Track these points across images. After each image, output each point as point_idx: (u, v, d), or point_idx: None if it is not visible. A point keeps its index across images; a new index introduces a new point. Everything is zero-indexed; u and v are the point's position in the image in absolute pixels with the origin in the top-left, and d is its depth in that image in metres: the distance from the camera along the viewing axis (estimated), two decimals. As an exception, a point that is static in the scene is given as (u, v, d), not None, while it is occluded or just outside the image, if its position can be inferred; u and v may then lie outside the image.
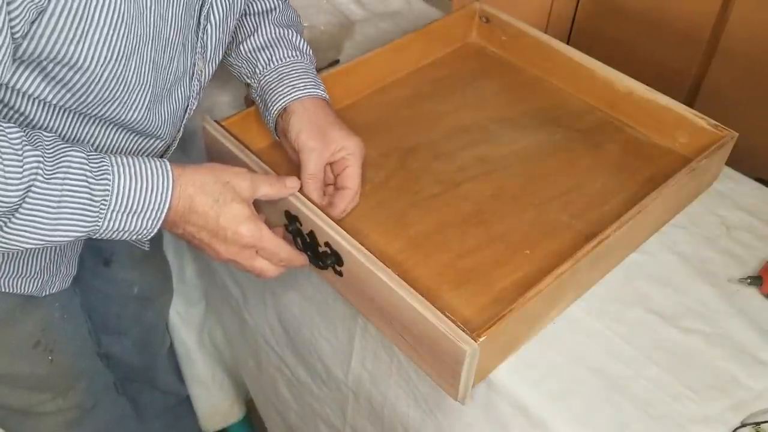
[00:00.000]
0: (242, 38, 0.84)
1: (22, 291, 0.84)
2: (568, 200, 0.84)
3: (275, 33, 0.84)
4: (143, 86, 0.69)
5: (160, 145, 0.81)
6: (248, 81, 0.85)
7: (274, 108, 0.80)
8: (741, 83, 1.17)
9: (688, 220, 0.86)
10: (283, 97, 0.80)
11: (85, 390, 1.01)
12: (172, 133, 0.81)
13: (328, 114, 0.80)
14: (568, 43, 0.99)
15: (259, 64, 0.83)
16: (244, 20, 0.85)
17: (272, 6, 0.86)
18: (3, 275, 0.81)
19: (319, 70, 0.90)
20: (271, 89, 0.81)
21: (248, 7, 0.85)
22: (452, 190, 0.85)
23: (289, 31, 0.85)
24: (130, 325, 1.17)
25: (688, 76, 1.23)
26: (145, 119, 0.74)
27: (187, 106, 0.80)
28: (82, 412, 1.02)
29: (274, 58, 0.82)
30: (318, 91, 0.81)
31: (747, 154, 0.91)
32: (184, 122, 0.82)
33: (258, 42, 0.83)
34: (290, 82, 0.81)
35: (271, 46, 0.83)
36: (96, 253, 1.04)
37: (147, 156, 0.77)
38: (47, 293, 0.88)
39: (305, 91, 0.80)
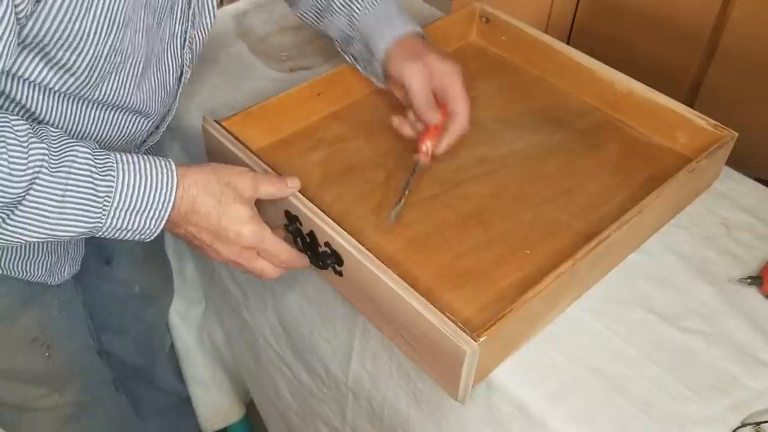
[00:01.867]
0: None
1: (31, 276, 0.84)
2: (568, 200, 0.84)
3: None
4: (136, 52, 0.70)
5: (149, 124, 0.81)
6: (348, 33, 0.89)
7: (379, 50, 0.85)
8: (741, 83, 1.18)
9: (688, 220, 0.86)
10: (385, 38, 0.84)
11: (82, 387, 1.01)
12: (161, 109, 0.82)
13: (425, 44, 0.85)
14: (568, 43, 1.00)
15: (354, 12, 0.87)
16: None
17: None
18: (11, 258, 0.81)
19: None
20: (371, 34, 0.86)
21: None
22: (452, 190, 0.85)
23: None
24: (130, 324, 1.17)
25: (688, 76, 1.24)
26: (138, 91, 0.74)
27: (181, 74, 0.81)
28: (78, 408, 1.02)
29: (368, 5, 0.87)
30: (414, 27, 0.86)
31: (747, 154, 0.91)
32: (178, 95, 0.83)
33: None
34: (389, 22, 0.86)
35: None
36: (98, 251, 1.05)
37: (136, 141, 0.76)
38: (57, 280, 0.87)
39: (404, 28, 0.85)
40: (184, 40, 0.78)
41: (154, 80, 0.77)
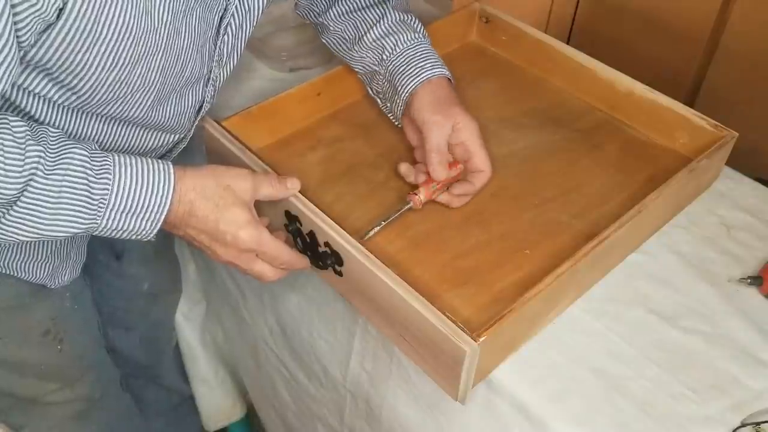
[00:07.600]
0: (366, 29, 0.88)
1: (34, 277, 0.84)
2: (568, 200, 0.84)
3: (397, 18, 0.88)
4: (147, 89, 0.70)
5: (170, 138, 0.81)
6: (375, 68, 0.88)
7: (405, 90, 0.84)
8: (741, 83, 1.17)
9: (688, 220, 0.86)
10: (413, 79, 0.84)
11: (93, 382, 1.01)
12: (181, 130, 0.82)
13: (451, 92, 0.84)
14: (568, 43, 0.99)
15: (386, 50, 0.86)
16: (367, 12, 0.88)
17: None
18: (15, 258, 0.81)
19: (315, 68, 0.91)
20: (400, 72, 0.85)
21: None
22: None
23: (408, 15, 0.89)
24: (137, 321, 1.17)
25: (688, 76, 1.23)
26: (148, 117, 0.74)
27: (200, 107, 0.81)
28: (88, 404, 1.02)
29: (399, 43, 0.86)
30: (443, 70, 0.85)
31: (747, 154, 0.91)
32: (196, 122, 0.83)
33: (383, 29, 0.87)
34: (417, 63, 0.85)
35: (396, 32, 0.87)
36: (108, 247, 1.05)
37: (154, 154, 0.76)
38: (58, 283, 0.88)
39: (432, 71, 0.84)
40: (208, 79, 0.78)
41: (170, 109, 0.76)
